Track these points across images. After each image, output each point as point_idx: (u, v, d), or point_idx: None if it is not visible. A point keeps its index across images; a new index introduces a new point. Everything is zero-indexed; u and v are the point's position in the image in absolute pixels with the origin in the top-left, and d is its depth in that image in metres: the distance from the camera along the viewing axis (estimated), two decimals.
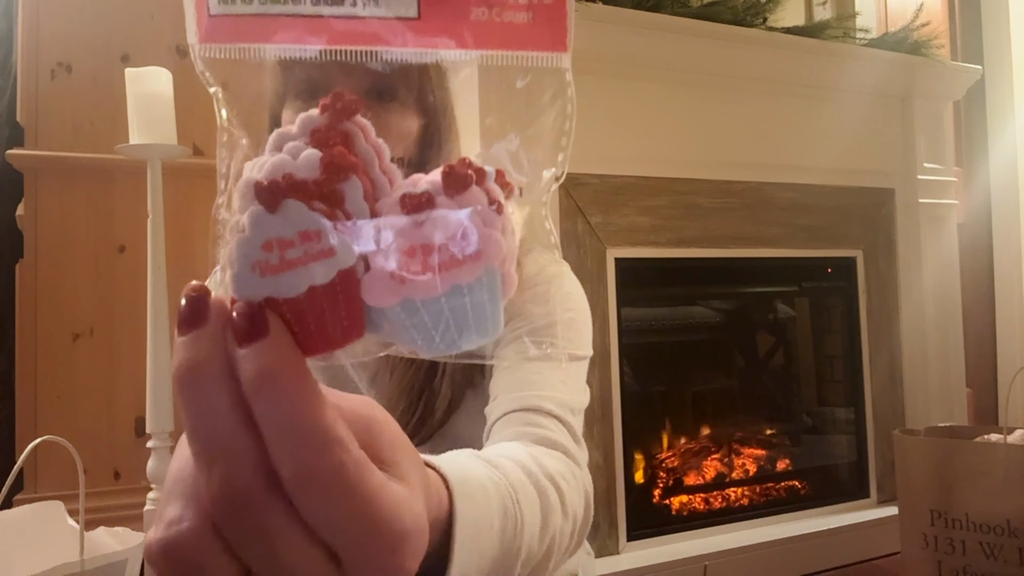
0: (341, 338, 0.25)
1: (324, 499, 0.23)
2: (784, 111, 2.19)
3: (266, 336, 0.24)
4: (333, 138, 0.25)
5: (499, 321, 0.26)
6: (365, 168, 0.26)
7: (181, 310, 0.25)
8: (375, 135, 0.27)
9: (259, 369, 0.23)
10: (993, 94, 2.93)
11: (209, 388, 0.24)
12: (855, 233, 2.32)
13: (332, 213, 0.25)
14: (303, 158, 0.25)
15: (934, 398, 2.35)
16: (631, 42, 1.92)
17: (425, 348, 0.26)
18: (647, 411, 2.10)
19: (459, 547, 0.35)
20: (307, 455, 0.23)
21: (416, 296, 0.25)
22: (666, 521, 2.01)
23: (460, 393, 0.71)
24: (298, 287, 0.24)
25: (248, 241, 0.24)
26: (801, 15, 2.62)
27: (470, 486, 0.38)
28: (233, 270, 0.25)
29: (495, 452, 0.50)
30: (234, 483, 0.23)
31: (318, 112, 0.26)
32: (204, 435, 0.24)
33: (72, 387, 1.98)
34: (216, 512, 0.23)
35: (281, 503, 0.23)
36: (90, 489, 1.60)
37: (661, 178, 2.00)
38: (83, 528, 0.92)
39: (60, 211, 2.00)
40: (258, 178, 0.25)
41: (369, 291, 0.25)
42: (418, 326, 0.25)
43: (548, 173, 0.30)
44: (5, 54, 2.07)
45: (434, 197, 0.25)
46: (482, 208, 0.25)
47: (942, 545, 1.51)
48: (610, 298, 1.92)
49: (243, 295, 0.25)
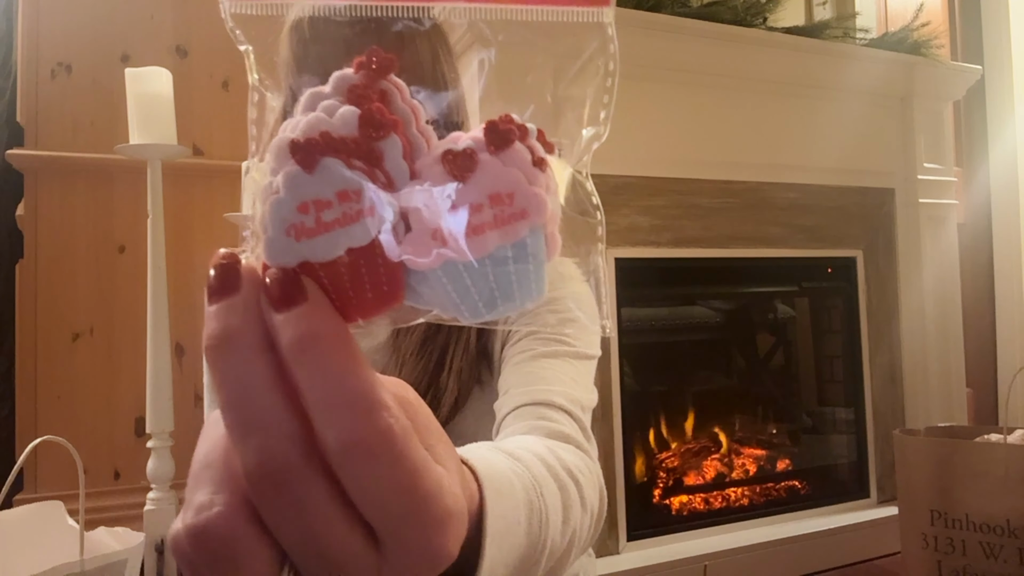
0: (381, 303, 0.24)
1: (370, 467, 0.22)
2: (784, 111, 2.19)
3: (305, 300, 0.23)
4: (370, 96, 0.24)
5: (543, 283, 0.25)
6: (403, 127, 0.25)
7: (210, 279, 0.24)
8: (411, 95, 0.26)
9: (300, 334, 0.22)
10: (993, 94, 2.93)
11: (244, 358, 0.23)
12: (855, 233, 2.32)
13: (371, 172, 0.24)
14: (340, 115, 0.24)
15: (934, 398, 2.35)
16: (631, 42, 1.92)
17: (468, 313, 0.25)
18: (647, 411, 2.10)
19: (490, 542, 0.34)
20: (354, 420, 0.22)
21: (458, 258, 0.24)
22: (666, 521, 2.01)
23: (467, 390, 0.71)
24: (335, 250, 0.23)
25: (283, 203, 0.23)
26: (801, 15, 2.62)
27: (498, 480, 0.37)
28: (267, 234, 0.24)
29: (513, 444, 0.49)
30: (272, 455, 0.22)
31: (353, 70, 0.25)
32: (240, 407, 0.23)
33: (72, 387, 1.98)
34: (252, 487, 0.22)
35: (321, 477, 0.22)
36: (90, 489, 1.60)
37: (661, 178, 2.00)
38: (83, 528, 0.92)
39: (60, 211, 2.00)
40: (294, 136, 0.23)
41: (409, 253, 0.24)
42: (460, 290, 0.24)
43: (588, 132, 0.29)
44: (5, 54, 2.07)
45: (476, 154, 0.24)
46: (526, 165, 0.24)
47: (942, 545, 1.51)
48: (610, 298, 1.91)
49: (277, 261, 0.24)
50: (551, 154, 0.26)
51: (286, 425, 0.22)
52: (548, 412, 0.59)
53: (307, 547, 0.23)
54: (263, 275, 0.24)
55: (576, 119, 0.29)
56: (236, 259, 0.24)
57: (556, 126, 0.28)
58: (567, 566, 0.48)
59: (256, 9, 0.27)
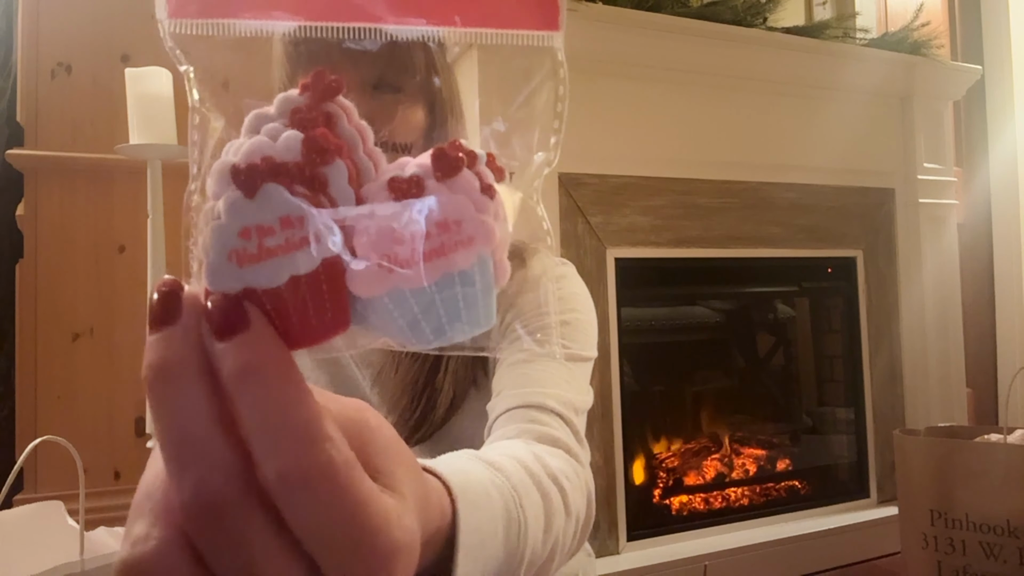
0: (326, 330, 0.24)
1: (311, 500, 0.21)
2: (784, 111, 2.19)
3: (247, 328, 0.22)
4: (315, 119, 0.24)
5: (492, 311, 0.25)
6: (349, 151, 0.24)
7: (152, 306, 0.23)
8: (358, 116, 0.25)
9: (241, 363, 0.22)
10: (993, 94, 2.93)
11: (181, 388, 0.22)
12: (855, 233, 2.32)
13: (315, 198, 0.23)
14: (283, 140, 0.23)
15: (934, 398, 2.35)
16: (631, 42, 1.92)
17: (414, 340, 0.25)
18: (647, 411, 2.10)
19: (463, 556, 0.34)
20: (294, 452, 0.21)
21: (405, 285, 0.23)
22: (666, 521, 2.01)
23: (463, 392, 0.70)
24: (279, 277, 0.23)
25: (224, 228, 0.23)
26: (801, 15, 2.62)
27: (473, 492, 0.37)
28: (208, 260, 0.23)
29: (497, 451, 0.49)
30: (209, 488, 0.22)
31: (298, 92, 0.24)
32: (177, 439, 0.22)
33: (72, 387, 1.98)
34: (189, 521, 0.22)
35: (260, 510, 0.22)
36: (90, 489, 1.60)
37: (661, 178, 2.00)
38: (83, 528, 0.92)
39: (60, 211, 2.00)
40: (235, 161, 0.23)
41: (355, 280, 0.23)
42: (407, 317, 0.24)
43: (540, 157, 0.29)
44: (5, 54, 2.07)
45: (424, 181, 0.24)
46: (474, 193, 0.24)
47: (942, 545, 1.51)
48: (610, 298, 1.91)
49: (219, 287, 0.23)
50: (502, 180, 0.26)
51: (223, 457, 0.22)
52: (539, 415, 0.59)
53: None
54: (205, 302, 0.23)
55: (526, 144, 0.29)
56: (178, 286, 0.23)
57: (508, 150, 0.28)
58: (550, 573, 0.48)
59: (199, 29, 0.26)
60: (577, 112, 1.95)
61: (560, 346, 0.66)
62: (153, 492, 0.23)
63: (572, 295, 0.71)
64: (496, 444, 0.55)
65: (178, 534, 0.22)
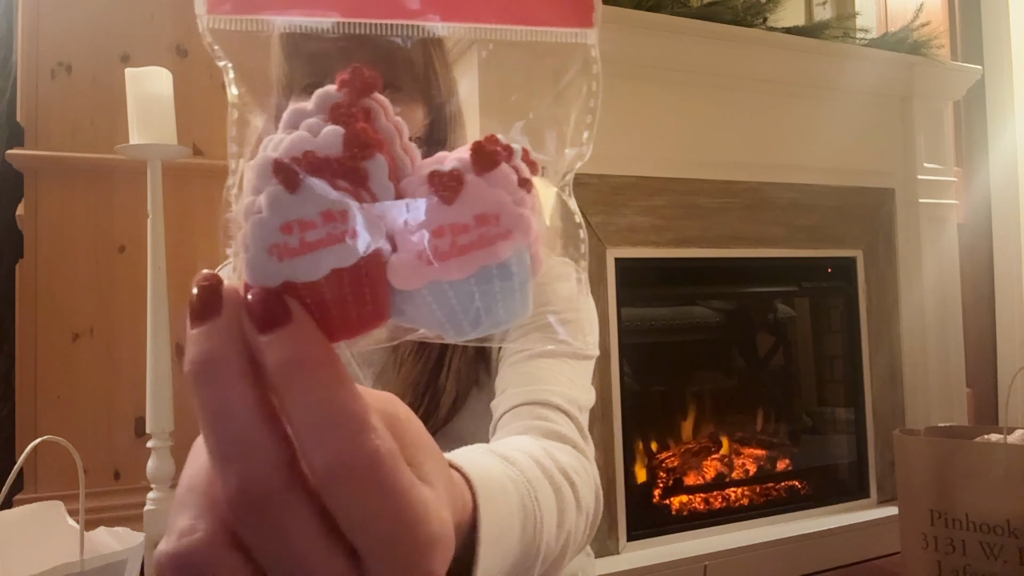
0: (365, 323, 0.24)
1: (356, 491, 0.22)
2: (784, 111, 2.19)
3: (290, 322, 0.23)
4: (355, 114, 0.24)
5: (528, 302, 0.25)
6: (388, 146, 0.24)
7: (192, 301, 0.23)
8: (395, 112, 0.25)
9: (285, 356, 0.22)
10: (993, 94, 2.93)
11: (226, 382, 0.22)
12: (855, 233, 2.32)
13: (356, 192, 0.23)
14: (324, 134, 0.23)
15: (934, 398, 2.35)
16: (631, 42, 1.92)
17: (453, 331, 0.25)
18: (647, 411, 2.10)
19: (484, 550, 0.34)
20: (340, 442, 0.22)
21: (444, 278, 0.24)
22: (666, 521, 2.01)
23: (465, 391, 0.71)
24: (319, 270, 0.23)
25: (266, 223, 0.23)
26: (801, 15, 2.62)
27: (491, 486, 0.37)
28: (248, 254, 0.23)
29: (508, 446, 0.49)
30: (254, 482, 0.22)
31: (336, 88, 0.25)
32: (222, 432, 0.22)
33: (72, 387, 1.98)
34: (235, 514, 0.22)
35: (304, 502, 0.22)
36: (90, 489, 1.60)
37: (661, 178, 2.00)
38: (83, 528, 0.92)
39: (60, 211, 2.00)
40: (277, 156, 0.23)
41: (396, 273, 0.24)
42: (445, 309, 0.24)
43: (572, 152, 0.29)
44: (5, 54, 2.07)
45: (463, 174, 0.24)
46: (511, 187, 0.24)
47: (942, 545, 1.51)
48: (610, 298, 1.91)
49: (259, 280, 0.23)
50: (536, 174, 0.26)
51: (267, 450, 0.22)
52: (545, 412, 0.59)
53: (290, 572, 0.22)
54: (245, 296, 0.23)
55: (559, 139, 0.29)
56: (218, 280, 0.23)
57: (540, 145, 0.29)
58: (562, 568, 0.48)
59: (236, 24, 0.27)
60: None
61: (563, 344, 0.66)
62: (196, 485, 0.24)
63: (572, 294, 0.72)
64: (506, 439, 0.55)
65: (223, 526, 0.23)
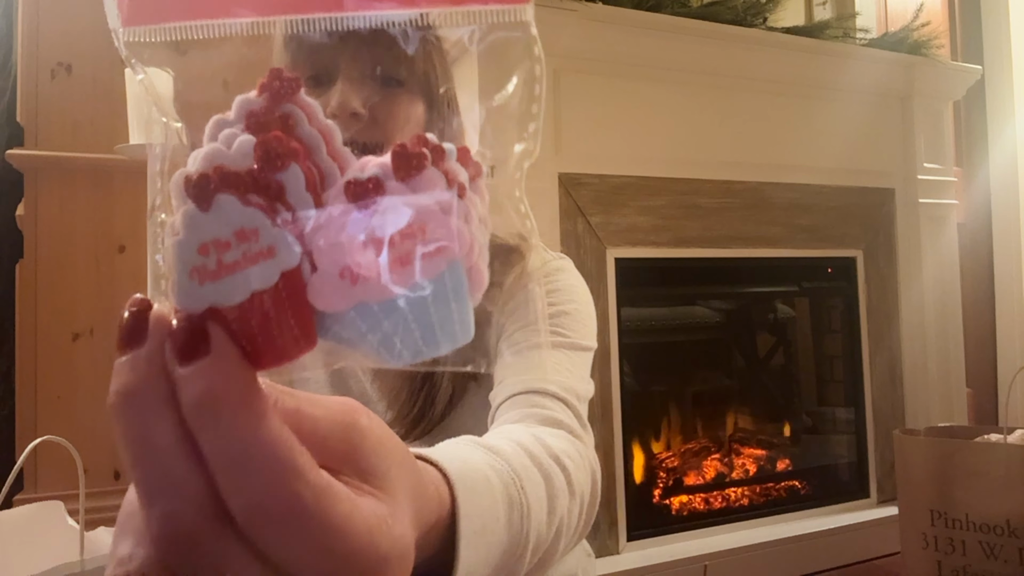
0: (292, 349, 0.22)
1: (281, 535, 0.21)
2: (784, 111, 2.19)
3: (207, 353, 0.21)
4: (270, 122, 0.22)
5: (468, 324, 0.23)
6: (309, 154, 0.22)
7: (119, 327, 0.22)
8: (323, 116, 0.23)
9: (200, 392, 0.21)
10: (993, 94, 2.93)
11: (146, 416, 0.21)
12: (855, 233, 2.32)
13: (271, 207, 0.22)
14: (236, 146, 0.22)
15: (934, 398, 2.35)
16: (631, 42, 1.92)
17: (388, 356, 0.23)
18: (647, 411, 2.10)
19: (465, 544, 0.33)
20: (257, 487, 0.20)
21: (370, 299, 0.22)
22: (666, 521, 2.01)
23: (462, 387, 0.70)
24: (240, 293, 0.21)
25: (183, 244, 0.21)
26: (801, 15, 2.62)
27: (471, 478, 0.36)
28: (172, 278, 0.22)
29: (497, 436, 0.49)
30: (179, 521, 0.21)
31: (255, 93, 0.23)
32: (143, 469, 0.21)
33: (72, 387, 1.98)
34: (161, 552, 0.21)
35: (234, 540, 0.21)
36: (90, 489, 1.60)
37: (661, 178, 2.00)
38: (83, 528, 0.92)
39: (60, 211, 2.00)
40: (188, 172, 0.22)
41: (317, 294, 0.22)
42: (376, 332, 0.22)
43: (519, 148, 0.27)
44: (5, 54, 2.07)
45: (383, 182, 0.22)
46: (439, 193, 0.22)
47: (942, 545, 1.51)
48: (610, 298, 1.91)
49: (184, 305, 0.22)
50: (479, 175, 0.24)
51: (193, 487, 0.21)
52: (542, 400, 0.59)
53: None
54: (172, 322, 0.22)
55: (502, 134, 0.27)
56: (147, 305, 0.22)
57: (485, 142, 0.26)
58: (557, 555, 0.47)
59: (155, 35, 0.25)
60: (577, 112, 1.95)
61: (561, 336, 0.66)
62: (135, 511, 0.23)
63: (571, 287, 0.72)
64: (497, 429, 0.55)
65: (156, 556, 0.22)
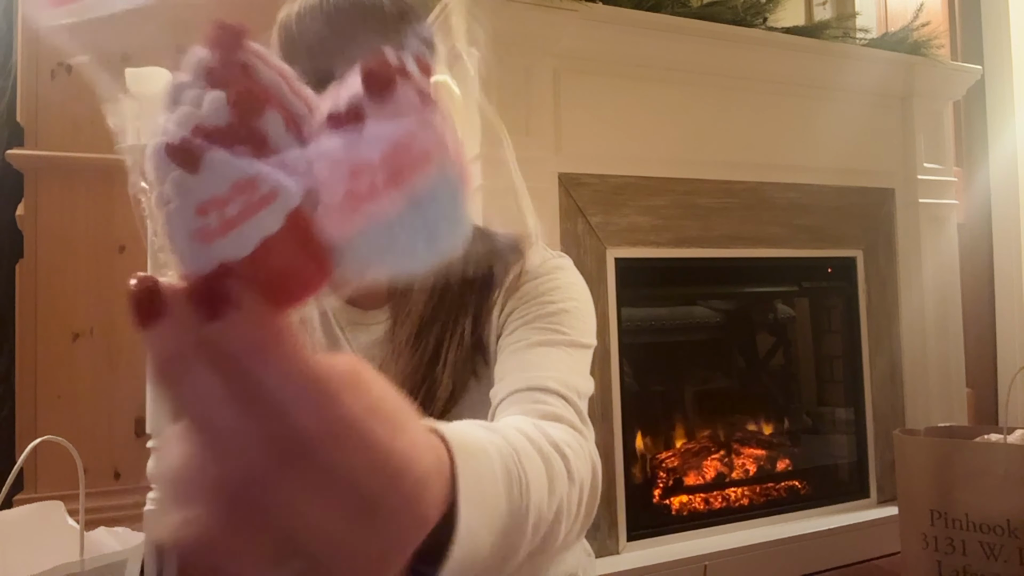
0: (312, 283, 0.23)
1: (340, 454, 0.22)
2: (784, 111, 2.19)
3: (233, 306, 0.22)
4: (233, 74, 0.22)
5: (467, 216, 0.24)
6: (276, 98, 0.23)
7: (134, 307, 0.22)
8: (274, 58, 0.24)
9: (242, 342, 0.22)
10: (993, 94, 2.93)
11: (191, 379, 0.22)
12: (855, 233, 2.32)
13: (260, 154, 0.22)
14: (208, 103, 0.22)
15: (934, 398, 2.35)
16: (631, 42, 1.92)
17: (407, 264, 0.24)
18: (647, 411, 2.10)
19: (465, 501, 0.33)
20: (315, 412, 0.22)
21: (376, 218, 0.23)
22: (666, 521, 2.01)
23: (462, 383, 0.70)
24: (249, 244, 0.22)
25: (179, 211, 0.22)
26: (801, 15, 2.62)
27: (470, 445, 0.37)
28: (175, 246, 0.22)
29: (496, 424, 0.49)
30: (249, 465, 0.22)
31: (207, 50, 0.23)
32: (207, 426, 0.23)
33: (72, 387, 1.98)
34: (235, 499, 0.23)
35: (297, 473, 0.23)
36: (90, 489, 1.60)
37: (661, 178, 2.00)
38: (83, 528, 0.92)
39: (60, 211, 2.00)
40: (167, 139, 0.22)
41: (326, 225, 0.23)
42: (388, 247, 0.23)
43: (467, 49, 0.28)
44: (5, 54, 2.07)
45: (362, 108, 0.22)
46: (414, 105, 0.23)
47: (942, 545, 1.51)
48: (610, 298, 1.91)
49: (194, 269, 0.22)
50: (431, 75, 0.24)
51: (254, 433, 0.22)
52: (542, 396, 0.60)
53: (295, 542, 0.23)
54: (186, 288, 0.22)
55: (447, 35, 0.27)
56: (154, 280, 0.23)
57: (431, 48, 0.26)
58: (558, 540, 0.47)
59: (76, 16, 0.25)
60: (577, 112, 1.95)
61: (560, 333, 0.67)
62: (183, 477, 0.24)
63: (570, 284, 0.72)
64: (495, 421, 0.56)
65: (225, 509, 0.23)
